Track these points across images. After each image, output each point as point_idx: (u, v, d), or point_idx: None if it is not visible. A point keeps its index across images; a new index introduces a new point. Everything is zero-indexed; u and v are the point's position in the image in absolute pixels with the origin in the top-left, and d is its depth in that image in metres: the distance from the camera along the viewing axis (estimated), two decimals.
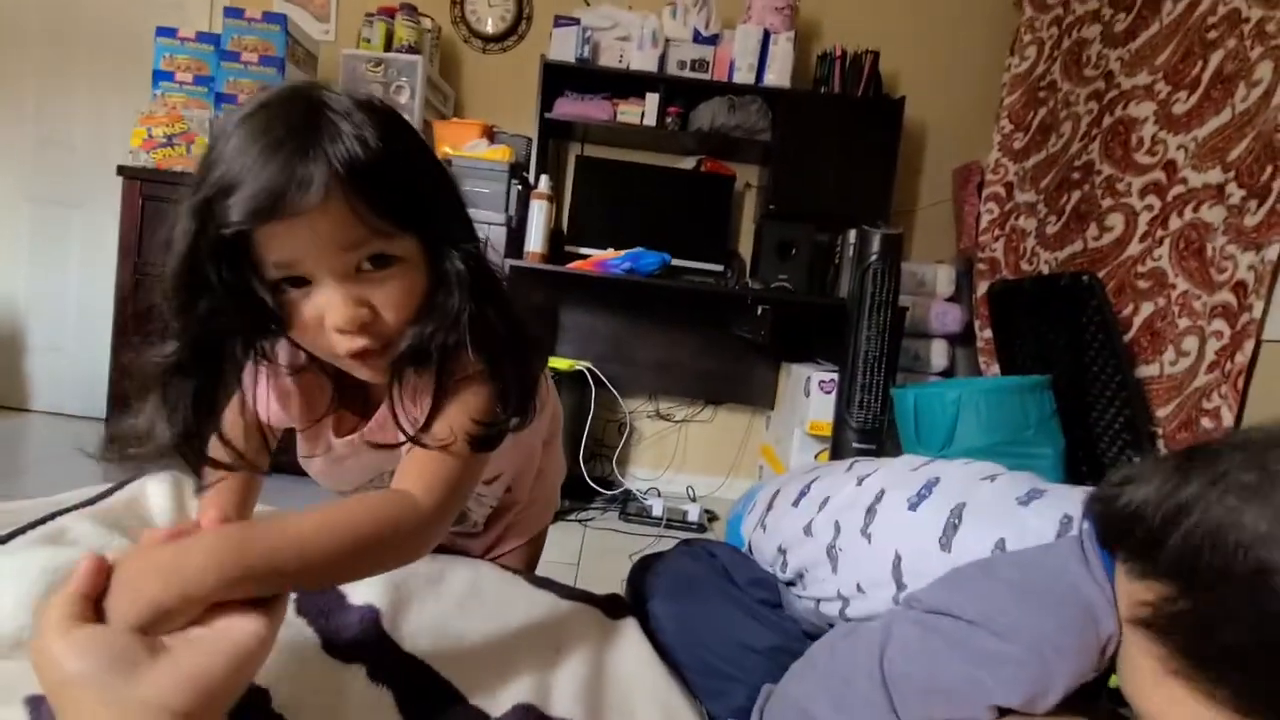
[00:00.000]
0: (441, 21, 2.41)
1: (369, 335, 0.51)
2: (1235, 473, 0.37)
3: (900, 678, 0.48)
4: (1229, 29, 1.52)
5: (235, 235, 0.46)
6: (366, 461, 0.69)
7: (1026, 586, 0.47)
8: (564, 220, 2.40)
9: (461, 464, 0.54)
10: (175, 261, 0.48)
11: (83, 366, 2.42)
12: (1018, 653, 0.43)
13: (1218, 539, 0.36)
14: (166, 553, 0.38)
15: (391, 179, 0.49)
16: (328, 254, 0.48)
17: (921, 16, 2.45)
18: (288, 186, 0.45)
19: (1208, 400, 1.42)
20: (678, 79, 2.21)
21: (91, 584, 0.37)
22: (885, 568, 0.61)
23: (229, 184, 0.45)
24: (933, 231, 2.53)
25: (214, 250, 0.46)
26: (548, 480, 0.95)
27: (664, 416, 2.55)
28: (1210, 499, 0.37)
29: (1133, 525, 0.42)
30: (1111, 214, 1.76)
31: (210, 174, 0.47)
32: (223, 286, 0.47)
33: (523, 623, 0.65)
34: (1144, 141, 1.70)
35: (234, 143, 0.47)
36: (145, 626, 0.36)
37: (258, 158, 0.46)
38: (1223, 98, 1.52)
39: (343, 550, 0.44)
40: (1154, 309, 1.60)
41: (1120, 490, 0.43)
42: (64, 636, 0.34)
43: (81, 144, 2.46)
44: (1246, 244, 1.39)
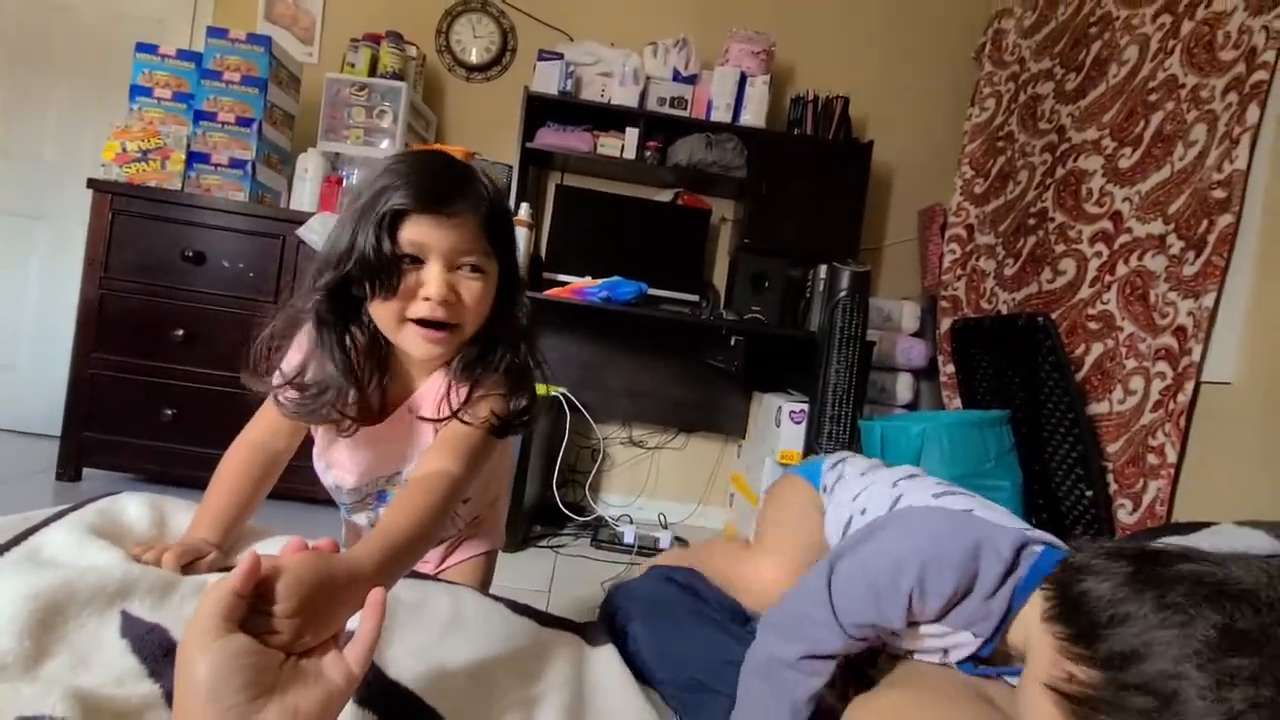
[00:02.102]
0: (426, 50, 2.45)
1: (446, 311, 0.72)
2: (1177, 609, 0.45)
3: (840, 595, 0.63)
4: (1168, 93, 1.65)
5: (393, 215, 0.68)
6: (384, 451, 0.82)
7: (944, 521, 0.64)
8: (543, 247, 2.43)
9: (483, 439, 0.73)
10: (350, 226, 0.69)
11: (39, 382, 2.35)
12: (914, 565, 0.59)
13: (1152, 657, 0.44)
14: (326, 555, 0.47)
15: (500, 222, 0.76)
16: (447, 247, 0.71)
17: (890, 66, 2.58)
18: (448, 196, 0.70)
19: (1153, 438, 1.50)
20: (657, 115, 2.28)
21: (246, 583, 0.40)
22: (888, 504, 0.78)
23: (404, 183, 0.69)
24: (899, 269, 2.63)
25: (376, 222, 0.67)
26: (498, 505, 1.09)
27: (637, 443, 2.57)
28: (1153, 621, 0.45)
29: (1081, 608, 0.50)
30: (1064, 259, 1.86)
31: (381, 181, 0.70)
32: (370, 248, 0.67)
33: (505, 649, 0.66)
34: (1093, 192, 1.81)
35: (404, 165, 0.71)
36: (304, 620, 0.42)
37: (429, 174, 0.71)
38: (1163, 155, 1.63)
39: (428, 526, 0.61)
40: (1103, 350, 1.69)
41: (1080, 577, 0.52)
42: (206, 647, 0.38)
43: (51, 155, 2.42)
44: (1186, 292, 1.49)
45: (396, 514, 0.60)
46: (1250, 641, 0.42)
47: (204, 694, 0.37)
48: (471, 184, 0.73)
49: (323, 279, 0.71)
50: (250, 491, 0.76)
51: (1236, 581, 0.45)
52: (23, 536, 0.63)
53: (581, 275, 2.23)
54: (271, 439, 0.79)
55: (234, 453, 0.78)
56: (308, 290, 0.72)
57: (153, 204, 1.95)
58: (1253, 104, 1.42)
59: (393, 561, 0.54)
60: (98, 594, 0.54)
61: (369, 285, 0.69)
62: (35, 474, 2.01)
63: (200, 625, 0.39)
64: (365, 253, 0.68)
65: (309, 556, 0.44)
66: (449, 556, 1.03)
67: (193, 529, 0.72)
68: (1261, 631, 0.42)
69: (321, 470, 0.87)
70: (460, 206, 0.70)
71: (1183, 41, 1.63)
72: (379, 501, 0.88)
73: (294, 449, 0.82)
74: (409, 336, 0.73)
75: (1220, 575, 0.46)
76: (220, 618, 0.39)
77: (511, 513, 1.94)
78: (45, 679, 0.46)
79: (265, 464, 0.78)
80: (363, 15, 2.42)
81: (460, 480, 0.68)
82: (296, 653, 0.43)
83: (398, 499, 0.64)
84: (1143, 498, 1.51)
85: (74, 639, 0.50)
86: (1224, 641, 0.43)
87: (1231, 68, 1.49)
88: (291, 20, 2.47)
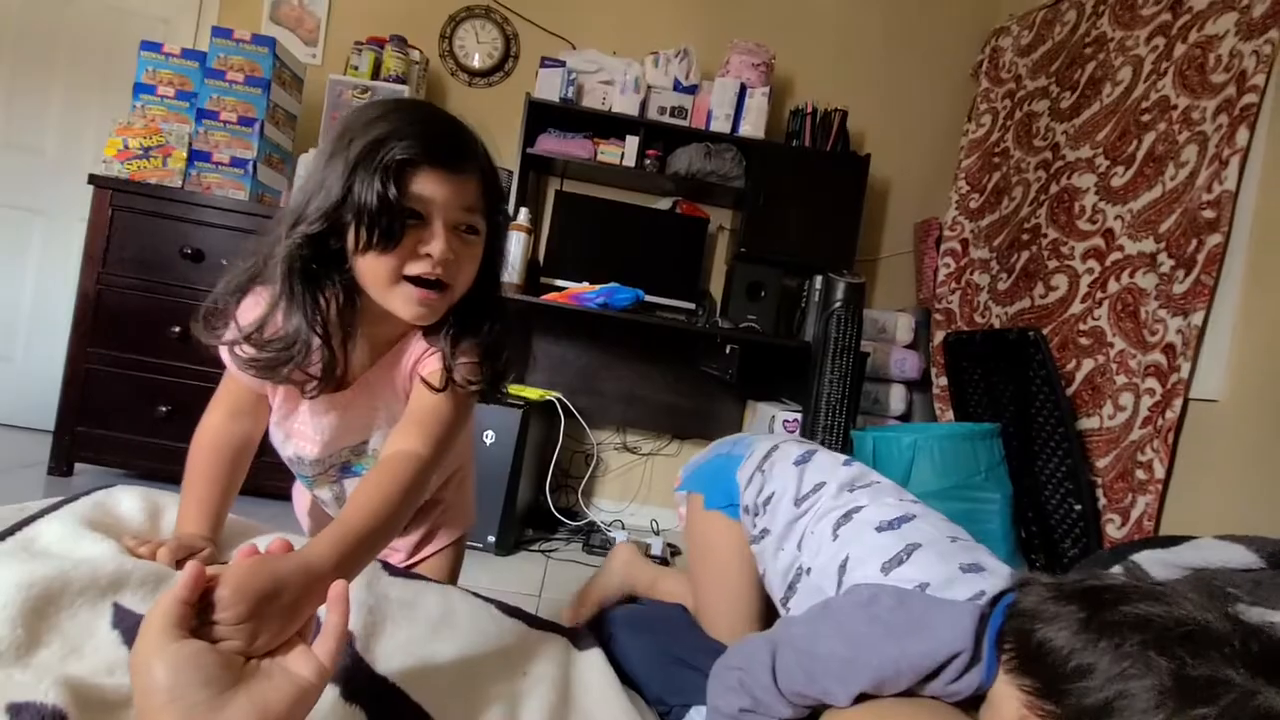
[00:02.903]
0: (430, 54, 2.47)
1: (444, 272, 0.68)
2: (1134, 659, 0.46)
3: (786, 682, 0.62)
4: (1160, 113, 1.67)
5: (399, 165, 0.64)
6: (349, 419, 0.79)
7: (893, 628, 0.59)
8: (541, 252, 2.44)
9: (455, 410, 0.71)
10: (343, 173, 0.64)
11: (33, 376, 2.34)
12: (865, 678, 0.58)
13: (1120, 712, 0.46)
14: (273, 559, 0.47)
15: (495, 186, 0.73)
16: (452, 205, 0.68)
17: (888, 81, 2.61)
18: (459, 150, 0.68)
19: (1141, 453, 1.52)
20: (657, 124, 2.30)
21: (192, 592, 0.40)
22: (835, 565, 0.70)
23: (414, 134, 0.65)
24: (894, 281, 2.65)
25: (382, 170, 0.63)
26: (465, 486, 1.06)
27: (631, 449, 2.57)
28: (1114, 672, 0.47)
29: (1042, 660, 0.51)
30: (1057, 275, 1.88)
31: (378, 128, 0.65)
32: (375, 196, 0.63)
33: (493, 649, 0.67)
34: (1086, 210, 1.84)
35: (404, 114, 0.67)
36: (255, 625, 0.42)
37: (441, 128, 0.68)
38: (1154, 174, 1.66)
39: (392, 514, 0.59)
40: (1094, 365, 1.71)
41: (1035, 625, 0.52)
42: (161, 650, 0.38)
43: (52, 150, 2.42)
44: (1175, 310, 1.51)
45: (358, 503, 0.58)
46: (1203, 689, 0.43)
47: (165, 694, 0.36)
48: (477, 143, 0.71)
49: (304, 226, 0.65)
50: (227, 479, 0.74)
51: (1180, 623, 0.46)
52: (17, 527, 0.63)
53: (579, 281, 2.24)
54: (233, 422, 0.76)
55: (201, 441, 0.75)
56: (277, 239, 0.68)
57: (153, 201, 1.96)
58: (1242, 126, 1.44)
59: (351, 556, 0.53)
60: (91, 585, 0.54)
61: (367, 237, 0.65)
62: (27, 468, 2.00)
63: (152, 632, 0.38)
64: (367, 201, 0.63)
65: (253, 563, 0.45)
66: (422, 547, 1.01)
67: (180, 523, 0.71)
68: (1212, 678, 0.43)
69: (280, 441, 0.83)
70: (469, 165, 0.68)
71: (1175, 64, 1.65)
72: (343, 474, 0.85)
73: (261, 427, 0.79)
74: (400, 295, 0.68)
75: (1164, 617, 0.47)
76: (171, 625, 0.39)
77: (504, 516, 1.95)
78: (37, 667, 0.46)
79: (236, 448, 0.76)
80: (367, 19, 2.44)
81: (428, 461, 0.66)
82: (257, 655, 0.43)
83: (361, 486, 0.62)
84: (1131, 512, 1.53)
85: (66, 628, 0.50)
86: (1181, 691, 0.44)
87: (1222, 90, 1.52)
88: (296, 22, 2.49)
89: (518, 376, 0.77)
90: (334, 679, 0.54)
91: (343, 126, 0.68)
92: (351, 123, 0.67)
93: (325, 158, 0.67)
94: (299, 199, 0.68)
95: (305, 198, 0.67)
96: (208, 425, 0.76)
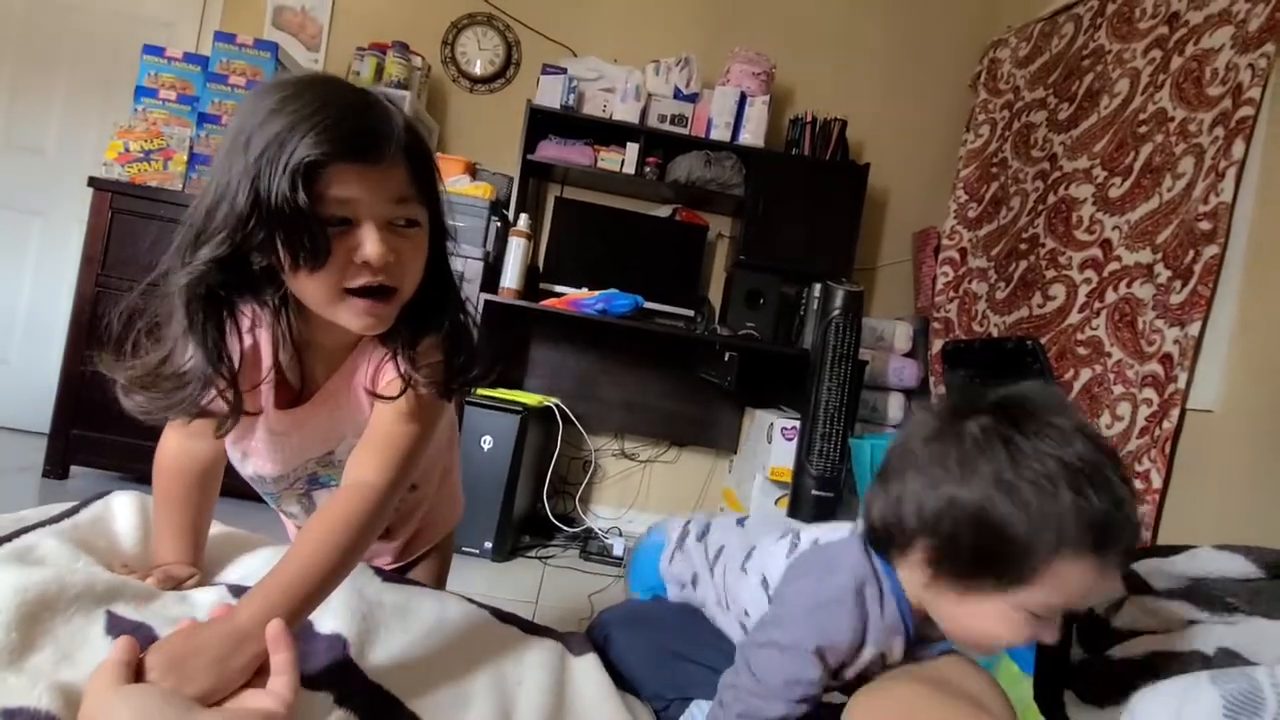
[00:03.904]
0: (432, 60, 2.48)
1: (388, 276, 0.60)
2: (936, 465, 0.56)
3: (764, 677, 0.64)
4: (1157, 125, 1.68)
5: (308, 168, 0.53)
6: (309, 434, 0.73)
7: (813, 571, 0.66)
8: (540, 258, 2.44)
9: (417, 426, 0.65)
10: (244, 181, 0.53)
11: (29, 378, 2.34)
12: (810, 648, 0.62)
13: (948, 509, 0.55)
14: (195, 628, 0.49)
15: (427, 159, 0.62)
16: (380, 202, 0.58)
17: (887, 91, 2.62)
18: (375, 136, 0.56)
19: (1139, 464, 1.52)
20: (658, 131, 2.31)
21: (129, 655, 0.43)
22: (760, 590, 0.73)
23: (315, 126, 0.53)
24: (892, 289, 2.66)
25: (288, 176, 0.52)
26: (451, 478, 1.01)
27: (629, 456, 2.57)
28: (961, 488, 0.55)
29: (893, 533, 0.59)
30: (1054, 284, 1.89)
31: (276, 123, 0.53)
32: (285, 208, 0.53)
33: (487, 655, 0.67)
34: (1083, 220, 1.85)
35: (306, 99, 0.55)
36: (189, 686, 0.44)
37: (347, 113, 0.56)
38: (1152, 186, 1.66)
39: (339, 557, 0.55)
40: (1092, 375, 1.71)
41: (870, 514, 0.62)
42: (116, 690, 0.40)
43: (52, 152, 2.42)
44: (1172, 320, 1.51)
45: (299, 551, 0.54)
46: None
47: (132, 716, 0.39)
48: (393, 119, 0.59)
49: (210, 249, 0.55)
50: (197, 501, 0.70)
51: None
52: (15, 535, 0.63)
53: (578, 287, 2.24)
54: (190, 442, 0.70)
55: (162, 464, 0.70)
56: (176, 262, 0.57)
57: (153, 204, 1.96)
58: (1238, 139, 1.45)
59: (286, 609, 0.50)
60: (86, 592, 0.54)
61: (290, 258, 0.55)
62: (22, 470, 2.00)
63: (100, 686, 0.41)
64: (278, 214, 0.53)
65: (175, 635, 0.48)
66: (411, 548, 0.98)
67: (158, 553, 0.68)
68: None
69: (237, 460, 0.77)
70: (390, 151, 0.57)
71: (1172, 76, 1.67)
72: (311, 486, 0.80)
73: (222, 445, 0.72)
74: (347, 310, 0.60)
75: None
76: (117, 680, 0.42)
77: (501, 522, 1.94)
78: (31, 671, 0.46)
79: (199, 470, 0.70)
80: (369, 24, 2.45)
81: (385, 490, 0.60)
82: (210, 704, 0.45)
83: (307, 530, 0.57)
84: None
85: (60, 634, 0.50)
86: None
87: (1219, 103, 1.53)
88: (299, 28, 2.50)
89: (487, 370, 0.71)
90: (327, 686, 0.54)
91: (239, 119, 0.56)
92: (246, 115, 0.56)
93: (224, 155, 0.56)
94: (197, 210, 0.57)
95: (206, 211, 0.56)
96: (166, 449, 0.70)
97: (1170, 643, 0.68)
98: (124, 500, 0.74)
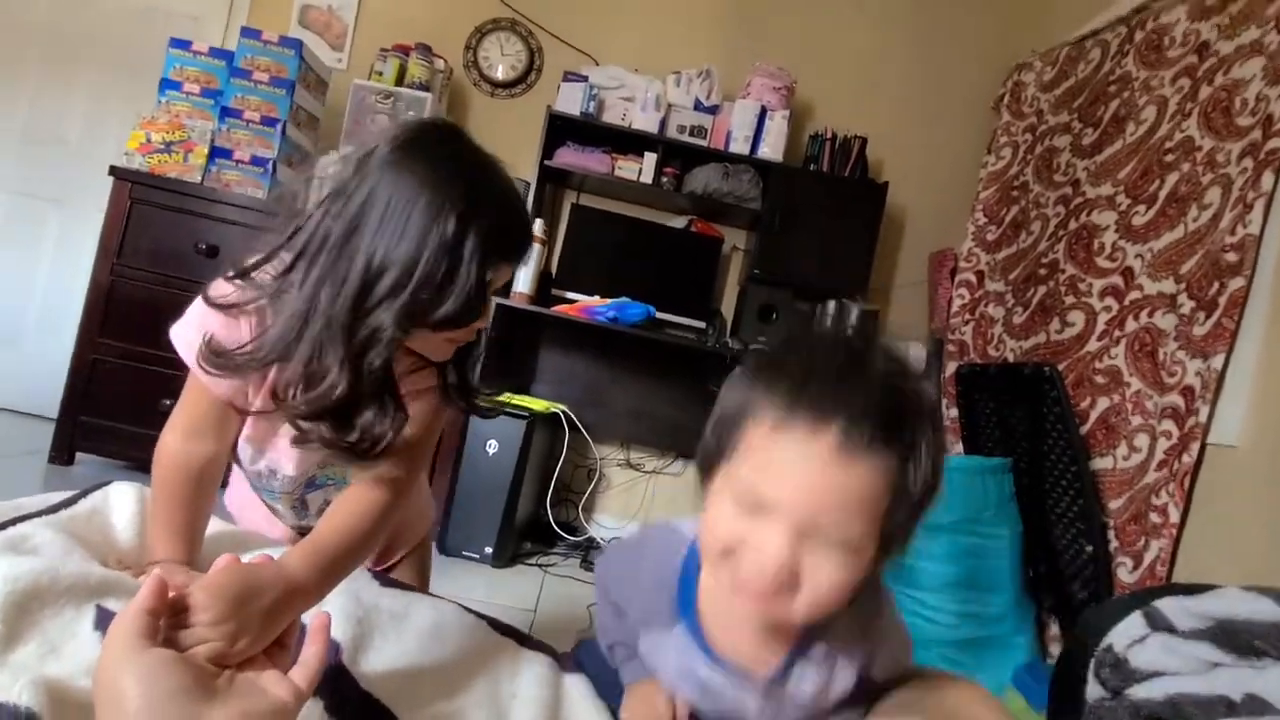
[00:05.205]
0: (454, 64, 2.49)
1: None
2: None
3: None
4: (1184, 154, 1.66)
5: (488, 254, 0.63)
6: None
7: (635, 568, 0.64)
8: (553, 264, 2.44)
9: (435, 433, 0.74)
10: (440, 258, 0.60)
11: (40, 363, 2.35)
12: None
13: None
14: (251, 565, 0.48)
15: None
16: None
17: (909, 110, 2.61)
18: (530, 242, 0.72)
19: (1156, 497, 1.48)
20: (676, 142, 2.31)
21: (157, 600, 0.39)
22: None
23: (513, 225, 0.67)
24: (907, 310, 2.63)
25: (479, 263, 0.62)
26: (422, 487, 1.05)
27: (634, 466, 2.54)
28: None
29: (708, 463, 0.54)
30: (1073, 311, 1.86)
31: (488, 211, 0.63)
32: (469, 294, 0.62)
33: (482, 667, 0.65)
34: (1105, 247, 1.82)
35: (502, 192, 0.66)
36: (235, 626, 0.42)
37: (520, 216, 0.69)
38: (1177, 215, 1.64)
39: (367, 535, 0.62)
40: (1109, 404, 1.68)
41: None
42: (129, 661, 0.36)
43: (75, 141, 2.45)
44: (1195, 352, 1.48)
45: (333, 523, 0.59)
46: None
47: (136, 705, 0.34)
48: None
49: (403, 298, 0.59)
50: (195, 501, 0.69)
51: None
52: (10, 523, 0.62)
53: (590, 294, 2.23)
54: (189, 443, 0.69)
55: (161, 461, 0.69)
56: (337, 304, 0.59)
57: (172, 195, 1.97)
58: (1268, 170, 1.42)
59: (326, 573, 0.54)
60: (78, 585, 0.53)
61: (448, 320, 0.62)
62: (28, 454, 2.00)
63: (117, 644, 0.37)
64: (466, 289, 0.61)
65: (229, 568, 0.46)
66: (385, 557, 0.99)
67: (153, 550, 0.67)
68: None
69: (249, 455, 0.78)
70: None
71: (1200, 105, 1.64)
72: (307, 489, 0.82)
73: (224, 447, 0.72)
74: (440, 347, 0.70)
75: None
76: (137, 636, 0.37)
77: (503, 527, 1.92)
78: (14, 665, 0.44)
79: (198, 471, 0.69)
80: (394, 27, 2.47)
81: (405, 483, 0.67)
82: (232, 664, 0.42)
83: (336, 506, 0.63)
84: (1144, 556, 1.49)
85: (47, 627, 0.48)
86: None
87: (1248, 134, 1.50)
88: (324, 27, 2.52)
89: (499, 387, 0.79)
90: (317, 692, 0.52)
91: (428, 180, 0.61)
92: (441, 183, 0.61)
93: (408, 206, 0.60)
94: (377, 254, 0.59)
95: (386, 256, 0.59)
96: (165, 448, 0.69)
97: (1193, 685, 0.65)
98: (123, 491, 0.73)
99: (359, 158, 0.63)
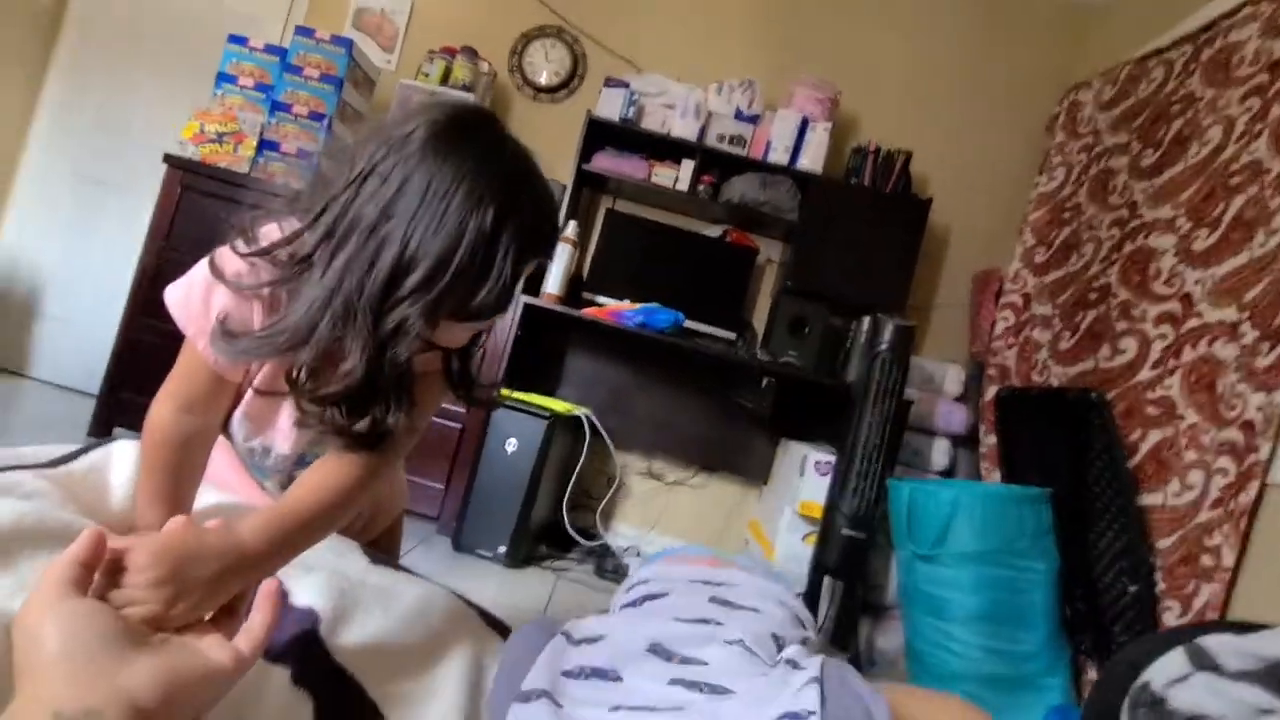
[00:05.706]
0: (499, 68, 2.53)
1: None
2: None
3: None
4: (1251, 177, 1.56)
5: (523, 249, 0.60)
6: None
7: None
8: (585, 267, 2.43)
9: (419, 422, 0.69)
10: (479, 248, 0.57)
11: (88, 341, 2.44)
12: None
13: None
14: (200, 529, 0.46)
15: None
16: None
17: (956, 128, 2.54)
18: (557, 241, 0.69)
19: (1209, 537, 1.38)
20: (715, 150, 2.29)
21: (91, 553, 0.38)
22: None
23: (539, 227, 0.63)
24: (946, 332, 2.54)
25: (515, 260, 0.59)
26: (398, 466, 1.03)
27: (655, 476, 2.50)
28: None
29: None
30: (1125, 337, 1.76)
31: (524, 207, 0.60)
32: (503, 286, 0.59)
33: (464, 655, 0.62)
34: (1162, 272, 1.72)
35: (536, 179, 0.63)
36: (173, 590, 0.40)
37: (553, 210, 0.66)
38: (1241, 240, 1.54)
39: (332, 509, 0.59)
40: (1162, 437, 1.57)
41: None
42: (52, 607, 0.34)
43: (137, 131, 2.56)
44: (1258, 385, 1.38)
45: (304, 490, 0.58)
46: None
47: (52, 653, 0.32)
48: None
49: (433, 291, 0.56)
50: (184, 470, 0.67)
51: None
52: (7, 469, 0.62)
53: (620, 299, 2.22)
54: (181, 417, 0.66)
55: (151, 432, 0.66)
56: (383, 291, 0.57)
57: (220, 184, 2.04)
58: None
59: (284, 541, 0.52)
60: (58, 534, 0.52)
61: (477, 313, 0.60)
62: (67, 427, 2.07)
63: (43, 592, 0.35)
64: (499, 284, 0.58)
65: (177, 529, 0.44)
66: (367, 526, 0.97)
67: (141, 514, 0.65)
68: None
69: (244, 431, 0.77)
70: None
71: (1270, 125, 1.55)
72: (296, 466, 0.81)
73: (215, 420, 0.70)
74: (459, 333, 0.66)
75: None
76: (66, 584, 0.35)
77: (518, 527, 1.90)
78: None
79: (187, 443, 0.66)
80: (444, 31, 2.52)
81: (381, 463, 0.64)
82: (169, 629, 0.40)
83: (311, 472, 0.60)
84: (1193, 601, 1.38)
85: (22, 567, 0.48)
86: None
87: None
88: (376, 29, 2.59)
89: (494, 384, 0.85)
90: (287, 661, 0.50)
91: (469, 169, 0.58)
92: (482, 174, 0.58)
93: (447, 195, 0.57)
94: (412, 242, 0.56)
95: (422, 245, 0.56)
96: (157, 419, 0.66)
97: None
98: (125, 449, 0.73)
99: (398, 138, 0.59)
